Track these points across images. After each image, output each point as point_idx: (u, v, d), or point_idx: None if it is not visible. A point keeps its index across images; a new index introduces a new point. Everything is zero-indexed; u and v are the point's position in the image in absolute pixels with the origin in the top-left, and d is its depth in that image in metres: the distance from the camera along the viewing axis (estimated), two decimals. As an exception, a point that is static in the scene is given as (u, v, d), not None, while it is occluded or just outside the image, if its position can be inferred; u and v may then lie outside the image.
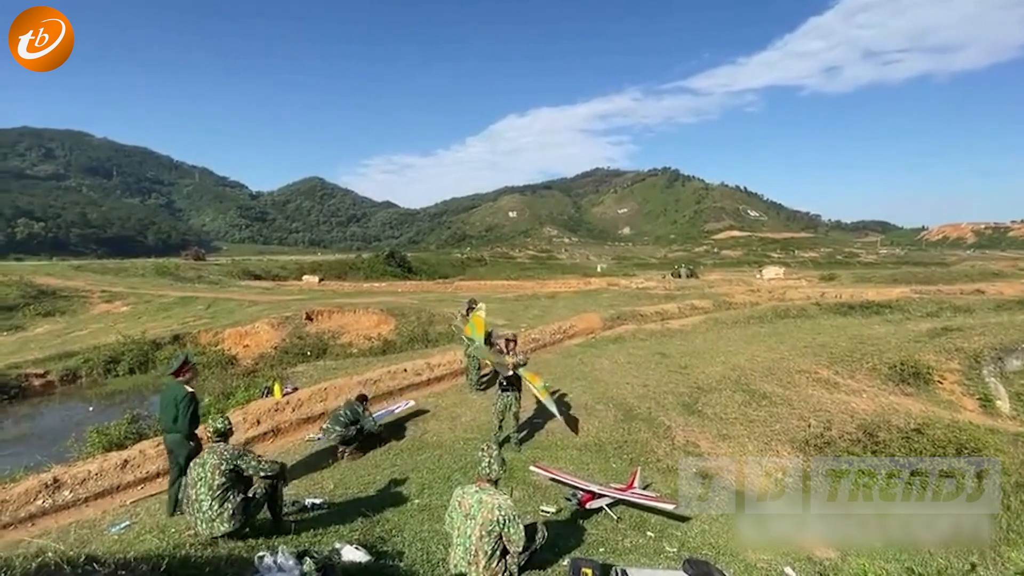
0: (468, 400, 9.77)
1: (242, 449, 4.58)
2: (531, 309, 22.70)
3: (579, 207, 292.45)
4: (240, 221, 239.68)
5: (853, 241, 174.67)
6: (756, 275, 53.13)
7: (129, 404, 12.79)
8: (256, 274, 46.74)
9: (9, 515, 6.43)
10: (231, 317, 21.16)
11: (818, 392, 10.42)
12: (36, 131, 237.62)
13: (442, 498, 5.68)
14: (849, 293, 26.67)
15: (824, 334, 15.01)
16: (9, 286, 26.40)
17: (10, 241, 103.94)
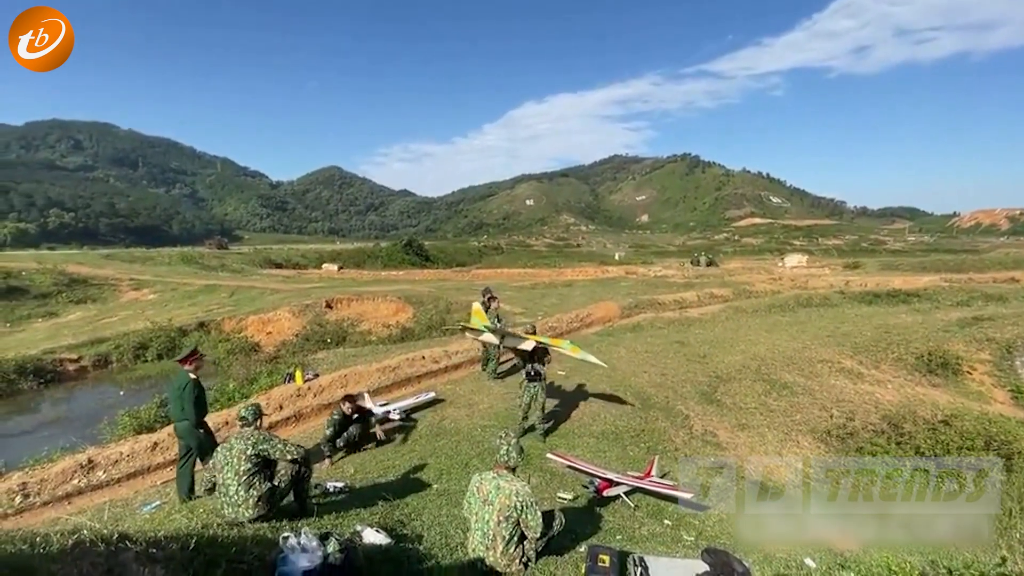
0: (485, 387, 9.83)
1: (267, 433, 4.63)
2: (548, 297, 22.66)
3: (596, 194, 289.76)
4: (261, 210, 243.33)
5: (880, 228, 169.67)
6: (778, 263, 52.13)
7: (157, 388, 13.19)
8: (277, 263, 47.54)
9: (47, 493, 6.74)
10: (254, 305, 21.60)
11: (841, 382, 10.23)
12: (64, 123, 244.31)
13: (460, 484, 5.75)
14: (875, 281, 25.99)
15: (848, 323, 14.69)
16: (43, 274, 27.32)
17: (42, 231, 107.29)
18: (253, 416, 4.64)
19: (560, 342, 7.53)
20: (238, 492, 4.26)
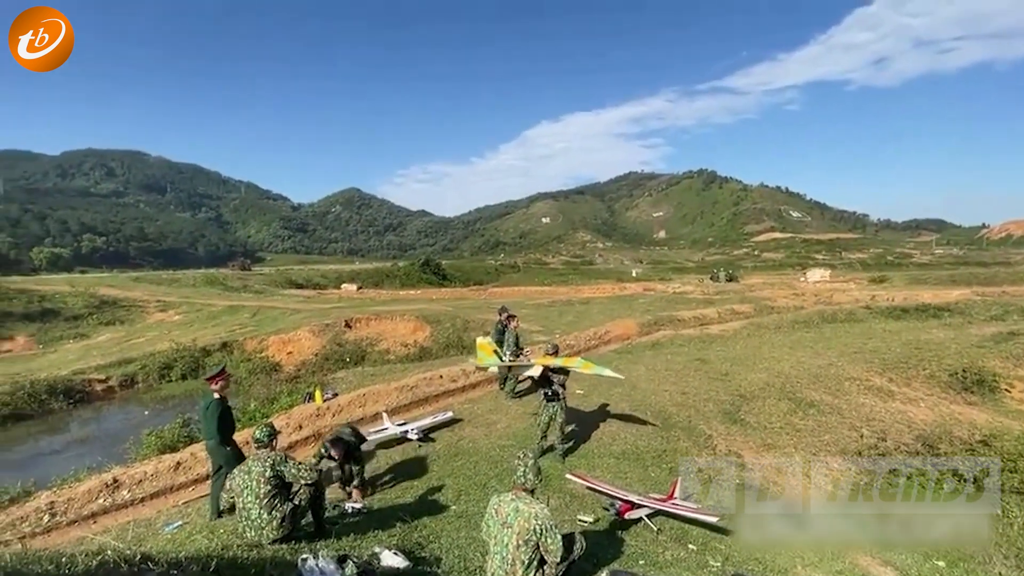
0: (503, 407, 9.76)
1: (284, 455, 4.63)
2: (565, 315, 22.57)
3: (613, 211, 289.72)
4: (283, 232, 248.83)
5: (905, 241, 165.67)
6: (800, 278, 51.20)
7: (181, 408, 13.41)
8: (298, 283, 48.48)
9: (74, 512, 6.84)
10: (275, 325, 21.96)
11: (870, 400, 9.89)
12: (99, 152, 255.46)
13: (478, 505, 5.68)
14: (902, 296, 25.29)
15: (876, 339, 14.27)
16: (76, 297, 28.30)
17: (75, 255, 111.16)
18: (268, 437, 4.64)
19: (572, 360, 7.44)
20: (260, 515, 4.26)
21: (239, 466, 4.62)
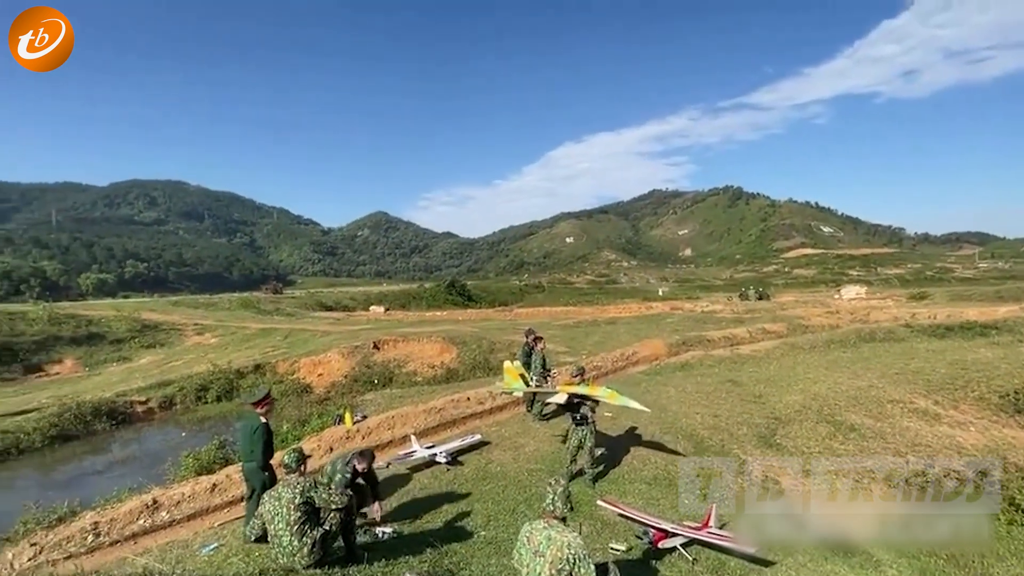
0: (531, 430, 9.69)
1: (313, 480, 4.66)
2: (592, 335, 22.38)
3: (637, 230, 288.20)
4: (313, 256, 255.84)
5: (946, 255, 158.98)
6: (834, 295, 49.64)
7: (216, 430, 13.77)
8: (328, 305, 49.50)
9: (116, 533, 7.06)
10: (306, 347, 22.43)
11: (915, 424, 9.44)
12: (143, 183, 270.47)
13: (508, 531, 5.63)
14: (945, 313, 24.19)
15: (918, 359, 13.65)
16: (120, 321, 29.56)
17: (119, 280, 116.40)
18: (296, 463, 4.65)
19: (596, 389, 7.31)
20: (291, 542, 4.31)
21: (270, 491, 4.66)
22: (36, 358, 23.48)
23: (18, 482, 11.22)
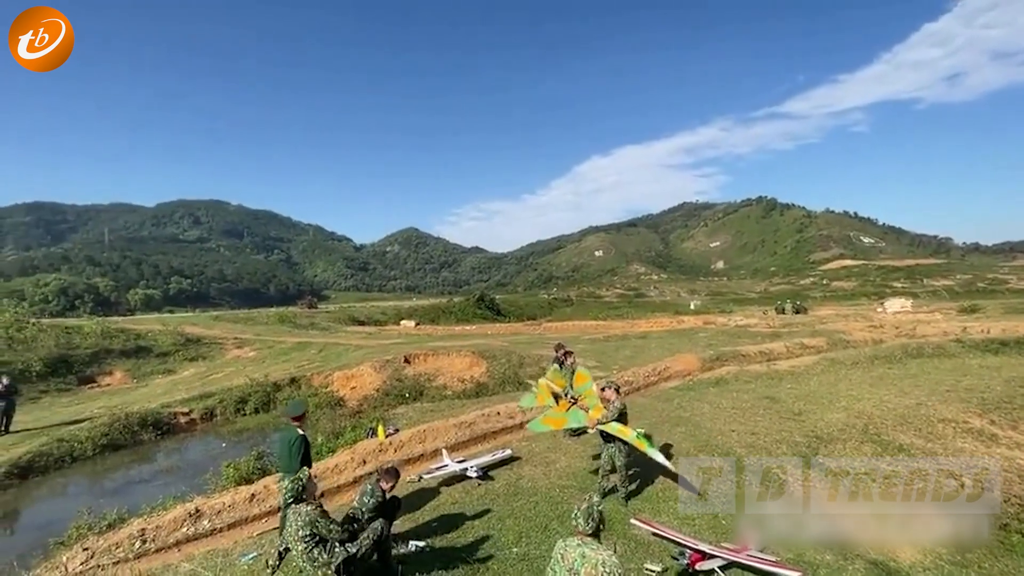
0: (562, 445, 9.61)
1: (317, 513, 4.57)
2: (622, 350, 22.08)
3: (667, 243, 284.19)
4: (346, 271, 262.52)
5: (998, 265, 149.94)
6: (877, 308, 47.56)
7: (254, 441, 14.16)
8: (360, 320, 50.44)
9: (161, 540, 7.33)
10: (339, 360, 22.90)
11: (970, 445, 8.92)
12: (188, 203, 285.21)
13: (540, 548, 5.59)
14: (1000, 327, 22.81)
15: (971, 376, 12.94)
16: (165, 335, 30.87)
17: (164, 296, 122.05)
18: (299, 492, 4.69)
19: (626, 431, 6.82)
20: (304, 566, 4.46)
21: (288, 515, 4.72)
22: (89, 370, 24.68)
23: (71, 488, 11.77)
